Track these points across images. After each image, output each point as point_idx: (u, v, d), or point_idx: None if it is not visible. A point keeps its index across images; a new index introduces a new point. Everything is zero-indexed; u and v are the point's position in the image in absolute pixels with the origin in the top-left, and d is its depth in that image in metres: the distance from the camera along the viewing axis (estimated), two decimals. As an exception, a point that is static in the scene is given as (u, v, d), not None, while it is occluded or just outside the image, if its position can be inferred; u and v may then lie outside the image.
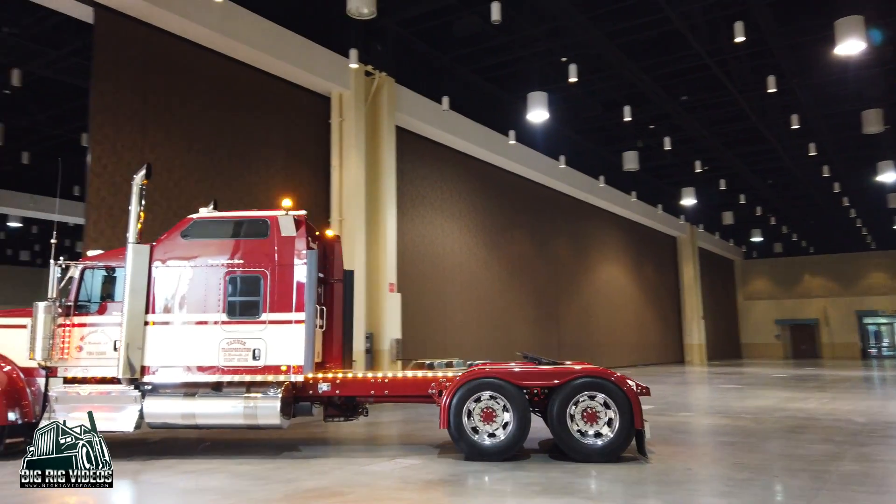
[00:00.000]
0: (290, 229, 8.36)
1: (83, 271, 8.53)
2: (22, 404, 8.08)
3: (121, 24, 12.76)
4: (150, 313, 8.25)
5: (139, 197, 8.47)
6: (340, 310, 9.52)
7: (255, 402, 7.98)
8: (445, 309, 20.78)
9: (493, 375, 7.80)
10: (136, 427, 8.02)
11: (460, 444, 7.72)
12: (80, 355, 8.24)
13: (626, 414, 7.38)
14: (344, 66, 16.31)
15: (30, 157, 22.70)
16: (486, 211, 23.33)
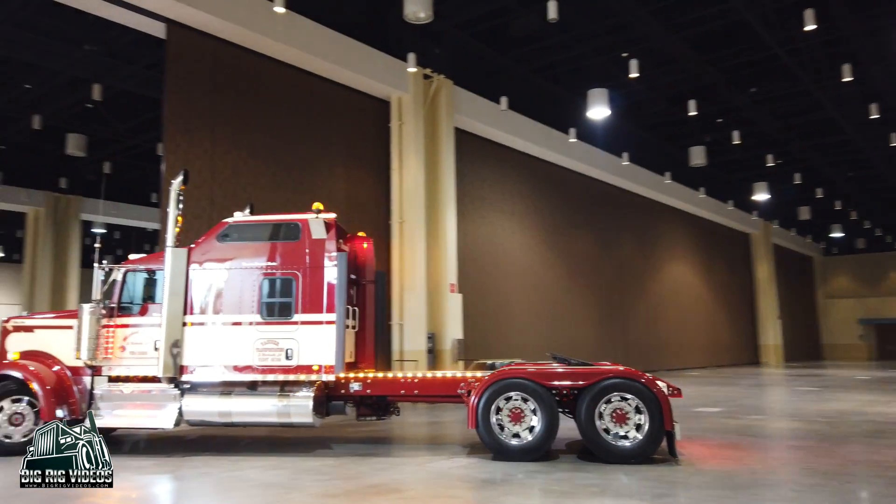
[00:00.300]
0: (321, 232, 8.57)
1: (125, 274, 8.90)
2: (69, 402, 8.43)
3: (191, 38, 13.35)
4: (189, 314, 8.54)
5: (176, 201, 8.81)
6: (373, 311, 9.68)
7: (289, 400, 8.18)
8: (508, 309, 20.74)
9: (521, 376, 7.79)
10: (175, 424, 8.32)
11: (488, 444, 7.72)
12: (122, 355, 8.58)
13: (656, 415, 7.30)
14: (402, 70, 16.54)
15: (111, 167, 24.01)
16: (547, 210, 23.16)
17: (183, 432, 10.04)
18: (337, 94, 16.18)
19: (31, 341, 8.83)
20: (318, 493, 6.26)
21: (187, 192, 13.02)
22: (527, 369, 7.97)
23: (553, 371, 7.92)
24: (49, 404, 8.16)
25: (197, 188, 13.18)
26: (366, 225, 16.58)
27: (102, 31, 15.17)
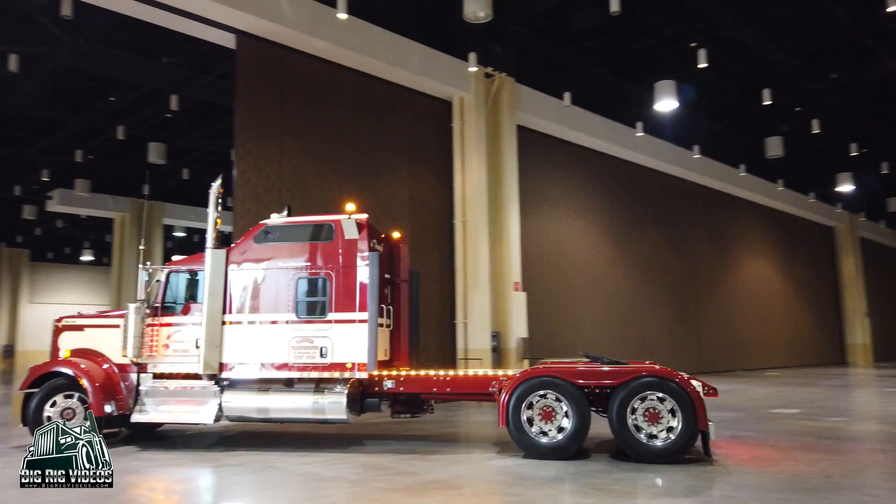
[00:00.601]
0: (353, 232, 8.71)
1: (168, 275, 9.20)
2: (117, 398, 8.72)
3: (259, 48, 13.85)
4: (228, 313, 8.77)
5: (216, 204, 9.06)
6: (407, 309, 9.78)
7: (323, 397, 8.35)
8: (573, 307, 20.50)
9: (552, 374, 7.76)
10: (215, 420, 8.60)
11: (518, 442, 7.70)
12: (166, 353, 8.86)
13: (690, 414, 7.17)
14: (463, 69, 16.61)
15: (189, 173, 25.17)
16: (614, 206, 22.73)
17: (223, 428, 10.44)
18: (399, 96, 16.41)
19: (82, 339, 9.17)
20: (381, 487, 6.41)
21: (258, 197, 13.56)
22: (557, 367, 7.94)
23: (584, 369, 7.89)
24: (98, 400, 8.44)
25: (267, 192, 13.68)
26: (428, 224, 16.79)
27: (178, 44, 15.95)
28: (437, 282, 16.76)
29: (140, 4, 12.61)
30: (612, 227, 22.57)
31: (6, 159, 24.91)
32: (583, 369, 7.88)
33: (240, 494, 6.38)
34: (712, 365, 25.46)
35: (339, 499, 6.07)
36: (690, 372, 24.79)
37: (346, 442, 9.23)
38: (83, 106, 20.16)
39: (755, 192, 28.31)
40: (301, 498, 6.07)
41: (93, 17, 14.47)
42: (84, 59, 16.83)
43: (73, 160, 23.23)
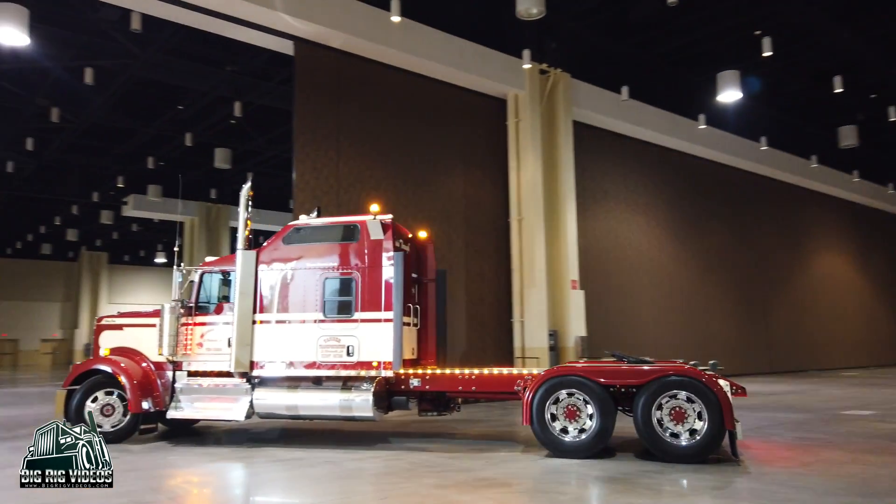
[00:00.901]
0: (378, 233, 8.78)
1: (202, 275, 9.43)
2: (154, 395, 8.97)
3: (316, 53, 14.19)
4: (258, 313, 8.94)
5: (246, 206, 9.29)
6: (434, 308, 9.81)
7: (350, 395, 8.47)
8: (634, 306, 20.12)
9: (576, 373, 7.75)
10: (247, 417, 8.79)
11: (542, 441, 7.69)
12: (200, 351, 9.09)
13: (716, 414, 7.06)
14: (518, 67, 16.56)
15: (253, 177, 25.94)
16: (675, 202, 22.18)
17: (271, 425, 10.72)
18: (453, 95, 16.50)
19: (121, 338, 9.47)
20: (432, 483, 6.50)
21: (316, 199, 13.89)
22: (581, 366, 7.94)
23: (608, 368, 7.86)
24: (135, 397, 8.73)
25: (325, 194, 14.00)
26: (484, 223, 16.81)
27: (241, 53, 16.53)
28: (494, 281, 16.77)
29: (204, 16, 13.13)
30: (673, 223, 22.03)
31: (85, 168, 26.36)
32: (607, 368, 7.87)
33: (297, 488, 6.58)
34: (783, 365, 24.51)
35: (392, 494, 6.19)
36: (760, 372, 24.11)
37: (395, 439, 9.37)
38: (154, 115, 21.11)
39: (828, 183, 27.07)
40: (357, 492, 6.22)
41: (160, 31, 15.15)
42: (153, 71, 17.64)
43: (145, 167, 24.36)
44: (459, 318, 15.98)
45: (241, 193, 9.36)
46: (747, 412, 12.26)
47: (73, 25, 15.30)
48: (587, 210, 19.06)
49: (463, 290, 16.12)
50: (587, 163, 19.27)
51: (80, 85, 17.06)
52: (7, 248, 41.67)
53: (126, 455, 8.08)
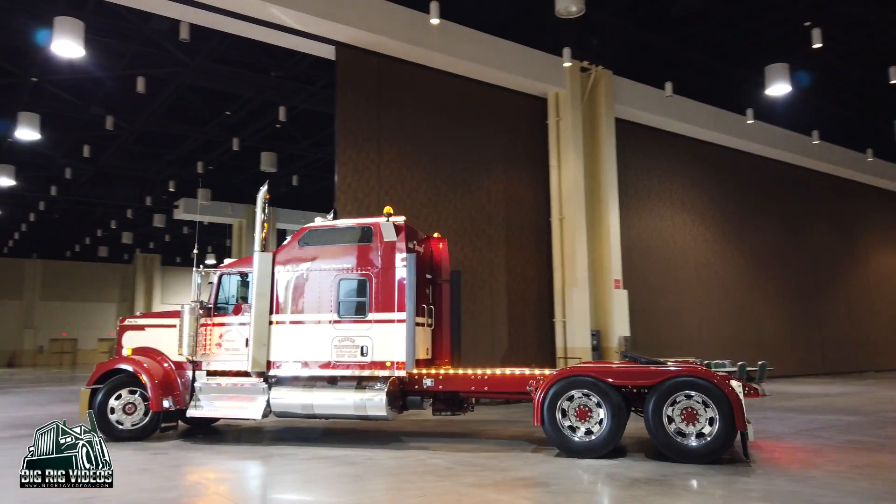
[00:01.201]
0: (391, 234, 8.83)
1: (220, 277, 9.60)
2: (174, 394, 9.19)
3: (356, 57, 14.40)
4: (275, 313, 9.09)
5: (262, 209, 9.38)
6: (448, 309, 9.84)
7: (364, 394, 8.58)
8: (679, 305, 19.77)
9: (586, 373, 7.80)
10: (263, 416, 8.94)
11: (553, 440, 7.75)
12: (219, 351, 9.29)
13: (727, 415, 7.08)
14: (558, 65, 16.46)
15: (298, 179, 26.50)
16: (723, 199, 21.70)
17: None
18: (493, 95, 16.51)
19: (143, 338, 9.70)
20: (470, 482, 6.56)
21: (358, 201, 14.11)
22: (592, 367, 7.99)
23: (619, 369, 7.93)
24: (156, 395, 8.94)
25: (366, 196, 14.19)
26: (525, 223, 16.77)
27: (285, 59, 16.88)
28: (535, 280, 16.72)
29: (249, 24, 13.48)
30: (721, 220, 21.56)
31: (138, 173, 27.30)
32: (618, 369, 7.94)
33: (336, 486, 6.71)
34: (838, 366, 23.70)
35: (431, 491, 6.27)
36: (813, 373, 23.33)
37: (433, 439, 9.45)
38: (202, 121, 21.71)
39: (884, 177, 26.07)
40: (395, 490, 6.33)
41: (208, 40, 15.59)
42: (202, 78, 18.15)
43: (195, 171, 25.08)
44: (500, 318, 16.00)
45: (258, 197, 9.47)
46: (797, 414, 11.95)
47: (126, 36, 15.88)
48: (630, 208, 18.83)
49: (504, 290, 16.13)
50: (630, 160, 19.04)
51: (132, 93, 17.68)
52: (66, 252, 43.45)
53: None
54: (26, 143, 21.09)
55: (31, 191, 28.74)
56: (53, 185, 27.83)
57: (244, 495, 6.64)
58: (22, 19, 14.78)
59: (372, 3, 14.00)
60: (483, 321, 15.68)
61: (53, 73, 17.23)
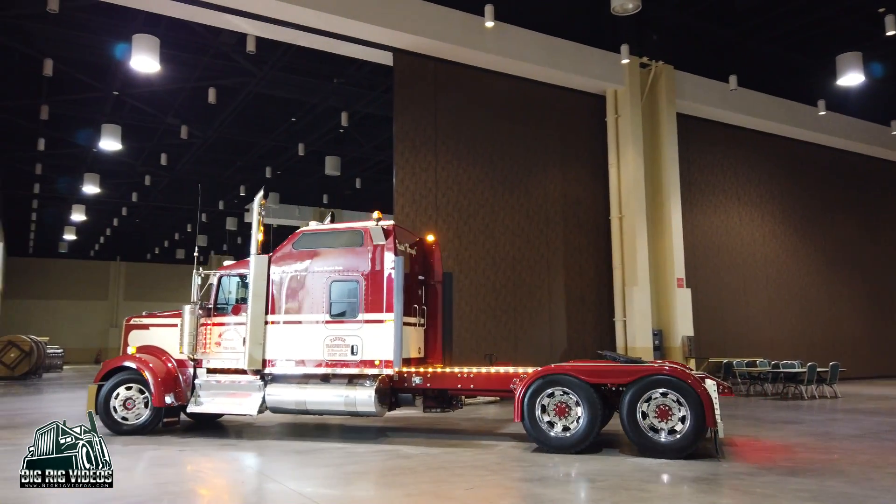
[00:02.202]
0: (380, 238, 9.10)
1: (220, 279, 9.91)
2: (176, 390, 9.54)
3: (413, 62, 14.75)
4: (270, 314, 9.41)
5: (259, 213, 9.66)
6: (440, 309, 10.07)
7: (355, 391, 8.91)
8: (747, 304, 19.23)
9: (564, 372, 8.09)
10: (259, 412, 9.26)
11: (532, 436, 8.05)
12: (218, 350, 9.63)
13: (698, 412, 7.38)
14: (616, 62, 16.35)
15: (361, 182, 27.15)
16: (793, 193, 20.96)
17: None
18: (549, 95, 16.54)
19: (147, 337, 10.08)
20: (518, 477, 6.72)
21: (415, 202, 14.44)
22: (570, 365, 8.26)
23: (596, 367, 8.23)
24: (159, 392, 9.31)
25: (423, 197, 14.51)
26: (583, 222, 16.73)
27: (346, 66, 17.41)
28: (594, 279, 16.65)
29: (312, 35, 14.04)
30: (792, 216, 20.83)
31: (212, 178, 28.58)
32: (594, 367, 8.22)
33: (383, 483, 6.99)
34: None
35: (478, 484, 6.46)
36: (891, 376, 22.18)
37: (484, 436, 9.62)
38: (270, 128, 22.59)
39: (975, 168, 24.46)
40: (446, 482, 6.55)
41: (274, 51, 16.28)
42: (269, 87, 18.92)
43: (263, 176, 26.09)
44: (559, 316, 16.02)
45: (255, 202, 9.78)
46: (867, 416, 11.51)
47: (197, 50, 16.75)
48: (694, 205, 18.47)
49: (562, 289, 16.14)
50: (693, 156, 18.67)
51: (204, 103, 18.64)
52: (147, 254, 45.88)
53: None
54: (109, 153, 22.52)
55: (114, 197, 30.59)
56: (134, 192, 29.54)
57: (332, 494, 6.99)
58: (104, 37, 15.84)
59: (427, 9, 14.29)
60: (541, 320, 15.75)
61: (133, 86, 18.36)
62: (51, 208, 33.01)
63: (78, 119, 20.92)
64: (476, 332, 14.84)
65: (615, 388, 8.05)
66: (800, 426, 10.46)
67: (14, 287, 40.60)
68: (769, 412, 12.44)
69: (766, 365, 16.31)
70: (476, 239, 15.12)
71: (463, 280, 14.80)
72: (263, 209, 9.77)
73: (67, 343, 38.94)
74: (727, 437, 9.22)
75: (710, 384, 7.55)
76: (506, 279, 15.42)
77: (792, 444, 8.57)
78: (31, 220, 35.38)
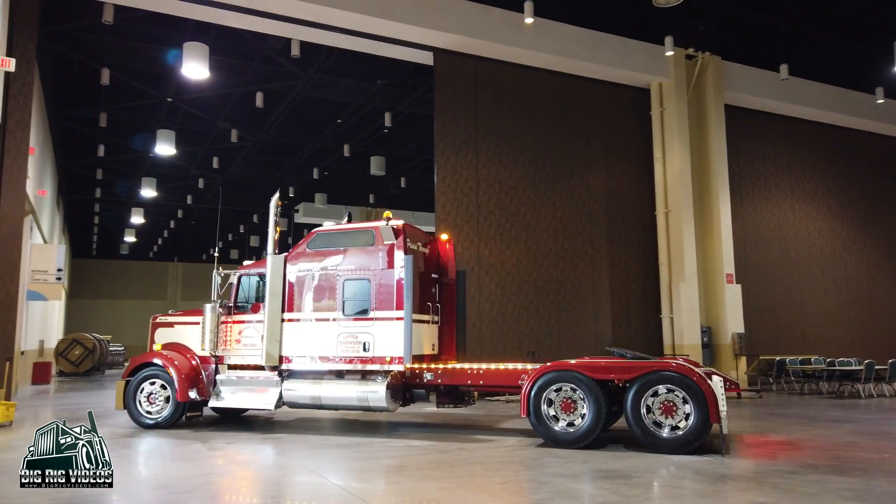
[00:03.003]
0: (390, 237, 9.25)
1: (239, 278, 10.15)
2: (199, 386, 9.91)
3: (453, 61, 14.83)
4: (286, 311, 9.65)
5: (275, 213, 9.87)
6: (454, 307, 10.18)
7: (367, 387, 9.12)
8: (801, 300, 18.64)
9: (570, 368, 8.18)
10: (276, 406, 9.49)
11: (538, 431, 8.18)
12: (238, 347, 9.93)
13: (702, 409, 7.42)
14: (660, 54, 16.09)
15: (406, 181, 27.39)
16: (850, 185, 20.20)
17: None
18: (591, 89, 16.38)
19: (172, 335, 10.42)
20: (555, 473, 6.73)
21: (457, 200, 14.53)
22: (577, 362, 8.35)
23: (600, 364, 8.28)
24: (182, 387, 9.67)
25: (465, 195, 14.59)
26: (628, 218, 16.51)
27: (389, 67, 17.63)
28: (640, 275, 16.43)
29: (354, 38, 14.29)
30: (849, 209, 20.08)
31: (262, 180, 29.31)
32: (599, 364, 8.28)
33: (433, 471, 7.10)
34: None
35: (512, 479, 6.51)
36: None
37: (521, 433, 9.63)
38: (316, 130, 23.03)
39: None
40: (480, 476, 6.62)
41: (318, 54, 16.62)
42: (314, 90, 19.31)
43: (311, 177, 26.62)
44: (604, 313, 15.87)
45: (271, 203, 10.03)
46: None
47: (245, 56, 17.23)
48: (744, 199, 18.01)
49: (607, 286, 15.98)
50: (743, 148, 18.21)
51: (253, 108, 19.15)
52: (203, 255, 47.31)
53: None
54: (164, 158, 23.35)
55: (170, 200, 31.69)
56: (189, 195, 30.54)
57: (368, 488, 7.16)
58: (157, 46, 16.46)
59: (466, 8, 14.36)
60: (585, 317, 15.64)
61: (185, 92, 19.01)
62: (111, 211, 34.43)
63: (134, 125, 21.79)
64: (519, 329, 14.83)
65: (621, 384, 8.09)
66: (853, 425, 10.12)
67: (78, 287, 42.48)
68: (823, 411, 12.06)
69: (820, 362, 15.79)
70: (518, 236, 15.11)
71: (505, 277, 14.81)
72: (279, 210, 10.07)
73: (129, 341, 40.53)
74: (771, 435, 9.00)
75: (716, 380, 7.60)
76: (549, 276, 15.36)
77: (842, 443, 8.31)
78: (93, 223, 36.97)
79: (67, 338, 25.87)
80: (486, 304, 14.51)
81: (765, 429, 9.77)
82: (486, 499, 5.71)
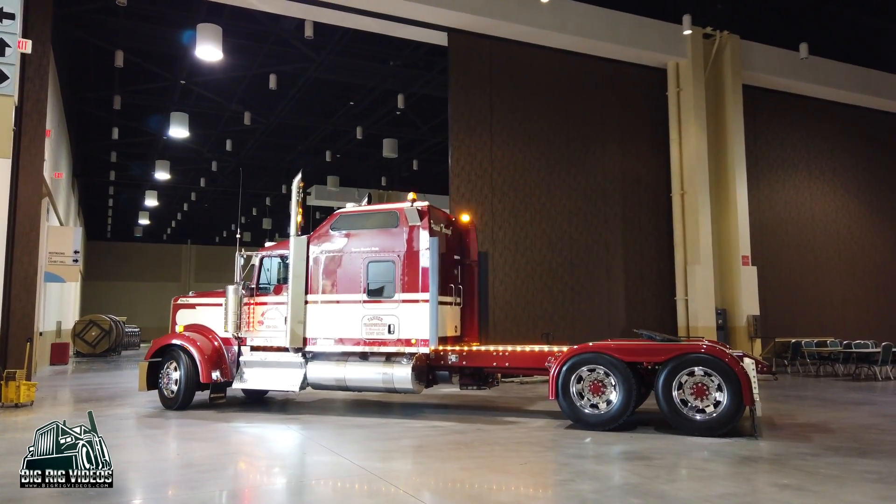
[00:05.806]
0: (415, 219, 9.15)
1: (262, 259, 10.16)
2: (222, 367, 9.96)
3: (468, 42, 14.69)
4: (310, 293, 9.66)
5: (297, 195, 9.80)
6: (476, 288, 10.15)
7: (392, 369, 9.12)
8: (818, 283, 18.50)
9: (600, 350, 8.14)
10: (300, 388, 9.54)
11: (567, 413, 8.17)
12: (261, 328, 9.96)
13: (735, 391, 7.33)
14: (678, 34, 15.86)
15: (418, 164, 27.30)
16: (871, 166, 19.94)
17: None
18: (607, 70, 16.20)
19: (194, 316, 10.49)
20: (573, 454, 6.76)
21: (471, 182, 14.47)
22: (606, 343, 8.33)
23: (630, 345, 8.25)
24: (205, 368, 9.74)
25: (479, 178, 14.53)
26: (643, 199, 16.39)
27: (402, 48, 17.49)
28: (654, 258, 16.35)
29: (368, 18, 14.17)
30: (868, 190, 19.84)
31: (274, 163, 29.35)
32: (629, 346, 8.25)
33: (452, 450, 7.14)
34: None
35: (532, 460, 6.53)
36: None
37: (541, 415, 9.66)
38: (329, 112, 22.95)
39: None
40: (500, 457, 6.66)
41: (331, 36, 16.49)
42: (327, 71, 19.19)
43: (323, 159, 26.59)
44: (618, 295, 15.82)
45: (293, 185, 9.99)
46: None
47: (258, 37, 17.14)
48: (761, 180, 17.83)
49: (621, 268, 15.92)
50: (761, 129, 17.99)
51: (266, 90, 19.08)
52: (216, 237, 47.54)
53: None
54: (178, 141, 23.38)
55: (183, 183, 31.78)
56: (202, 178, 30.60)
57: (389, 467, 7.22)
58: (170, 28, 16.40)
59: (482, -13, 14.19)
60: (600, 299, 15.60)
61: (198, 75, 18.96)
62: (126, 194, 34.59)
63: (148, 108, 21.79)
64: (533, 311, 14.82)
65: (651, 366, 8.06)
66: (872, 407, 10.08)
67: (94, 270, 42.84)
68: (840, 393, 12.01)
69: (837, 345, 15.70)
70: (533, 218, 15.05)
71: (519, 259, 14.77)
72: (301, 192, 10.01)
73: (144, 322, 40.90)
74: (790, 417, 8.98)
75: (748, 363, 7.50)
76: (563, 258, 15.31)
77: (862, 426, 8.28)
78: (108, 205, 37.17)
79: (84, 319, 26.14)
80: (499, 286, 14.49)
81: (783, 411, 9.75)
82: (507, 479, 5.74)
